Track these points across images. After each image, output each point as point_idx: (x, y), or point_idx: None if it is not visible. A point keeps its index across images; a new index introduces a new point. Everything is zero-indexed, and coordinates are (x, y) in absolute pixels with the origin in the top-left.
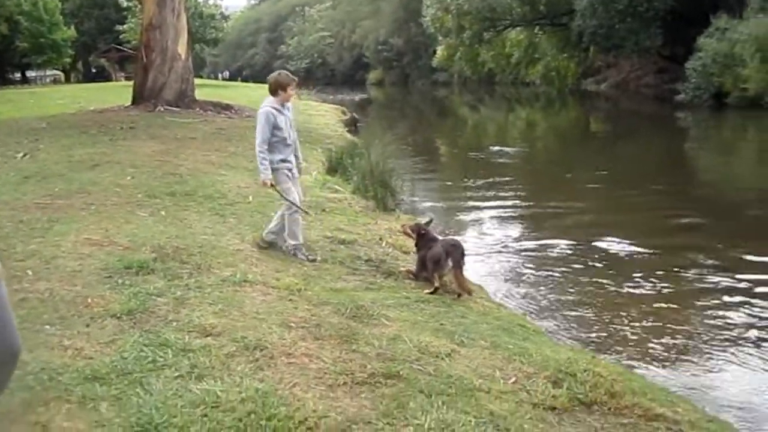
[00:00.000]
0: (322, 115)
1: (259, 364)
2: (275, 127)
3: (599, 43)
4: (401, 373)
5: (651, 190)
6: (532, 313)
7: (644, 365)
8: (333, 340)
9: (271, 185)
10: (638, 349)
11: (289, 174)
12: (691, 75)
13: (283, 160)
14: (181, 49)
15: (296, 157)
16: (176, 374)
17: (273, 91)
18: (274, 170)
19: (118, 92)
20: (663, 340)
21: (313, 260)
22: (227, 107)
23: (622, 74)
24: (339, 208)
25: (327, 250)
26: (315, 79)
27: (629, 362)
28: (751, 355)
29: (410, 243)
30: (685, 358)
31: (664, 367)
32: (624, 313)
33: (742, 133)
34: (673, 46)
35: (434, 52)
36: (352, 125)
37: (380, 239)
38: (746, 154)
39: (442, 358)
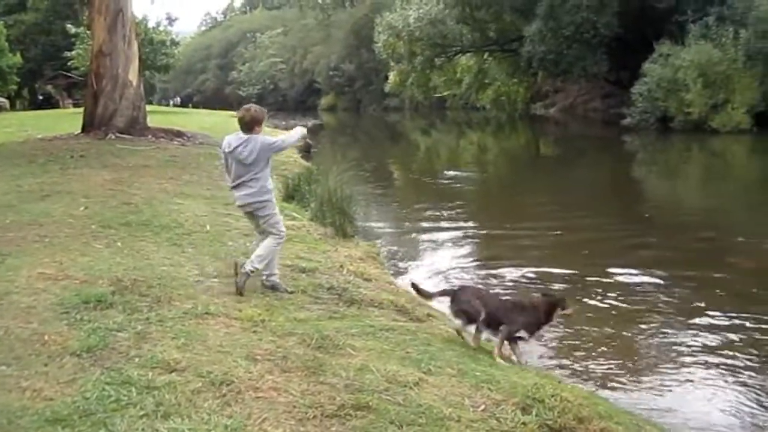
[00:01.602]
0: None
1: (226, 400)
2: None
3: (548, 69)
4: (371, 404)
5: (601, 211)
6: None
7: (607, 388)
8: (300, 372)
9: None
10: (600, 371)
11: None
12: (637, 99)
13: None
14: (132, 75)
15: None
16: (141, 413)
17: (251, 129)
18: (272, 198)
19: (66, 120)
20: (622, 362)
21: (292, 292)
22: (180, 134)
23: (570, 99)
24: (298, 236)
25: (288, 278)
26: (266, 104)
27: (593, 385)
28: (708, 373)
29: (371, 270)
30: (645, 379)
31: (625, 389)
32: (584, 335)
33: (687, 156)
34: (618, 72)
35: (386, 77)
36: (306, 151)
37: (341, 267)
38: (691, 177)
39: (411, 388)
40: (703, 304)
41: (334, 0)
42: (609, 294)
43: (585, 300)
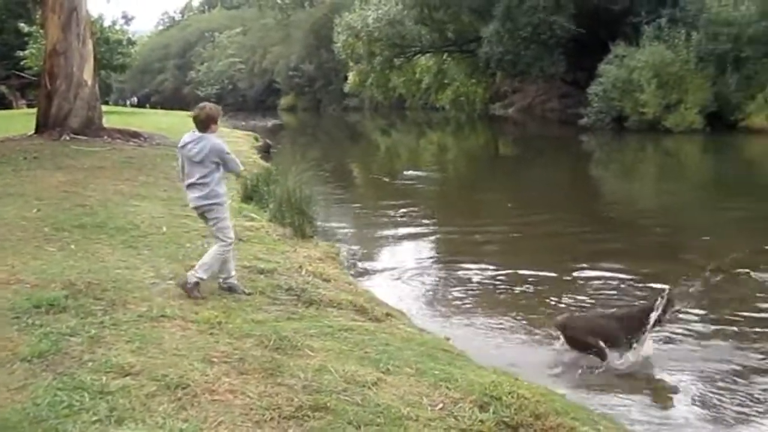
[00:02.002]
0: (235, 141)
1: (181, 404)
2: None
3: (506, 69)
4: (329, 404)
5: (559, 210)
6: (454, 336)
7: (563, 384)
8: (257, 374)
9: None
10: (558, 368)
11: None
12: (593, 100)
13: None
14: (87, 75)
15: None
16: (94, 419)
17: (206, 127)
18: (223, 203)
19: (20, 120)
20: (577, 359)
21: (249, 293)
22: (136, 135)
23: (528, 99)
24: (256, 237)
25: (246, 280)
26: (226, 104)
27: (551, 382)
28: (662, 367)
29: (330, 270)
30: (600, 376)
31: (582, 385)
32: (542, 333)
33: (642, 155)
34: (575, 72)
35: (345, 77)
36: (265, 152)
37: (300, 267)
38: (646, 176)
39: (369, 388)
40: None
41: (293, 0)
42: (568, 291)
43: (545, 297)
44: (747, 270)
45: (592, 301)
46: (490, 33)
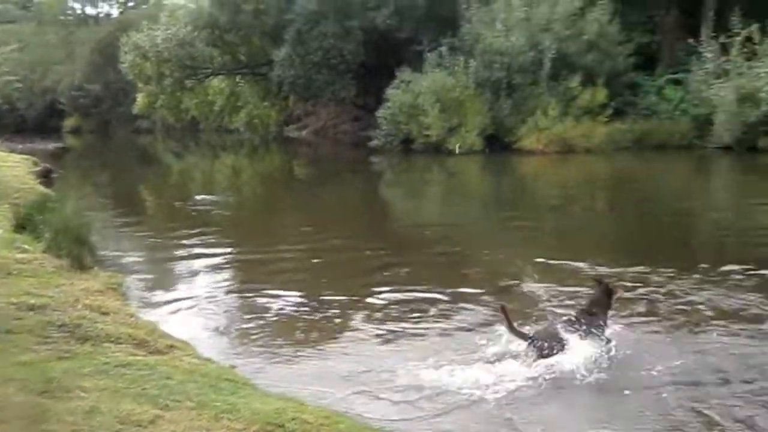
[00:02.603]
0: (10, 166)
1: None
2: None
3: (298, 93)
4: None
5: (355, 232)
6: (243, 364)
7: (355, 405)
8: (19, 422)
9: None
10: (349, 391)
11: None
12: (382, 123)
13: None
14: None
15: None
16: None
17: None
18: None
19: None
20: (366, 377)
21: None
22: None
23: (321, 122)
24: (28, 270)
25: (12, 318)
26: (2, 126)
27: (339, 404)
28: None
29: (110, 303)
30: (387, 394)
31: (372, 406)
32: (333, 354)
33: (429, 175)
34: (365, 97)
35: (135, 99)
36: (45, 177)
37: (76, 301)
38: (432, 195)
39: (145, 427)
40: (433, 312)
41: (76, 16)
42: (365, 313)
43: (342, 321)
44: (518, 281)
45: (392, 322)
46: (282, 57)
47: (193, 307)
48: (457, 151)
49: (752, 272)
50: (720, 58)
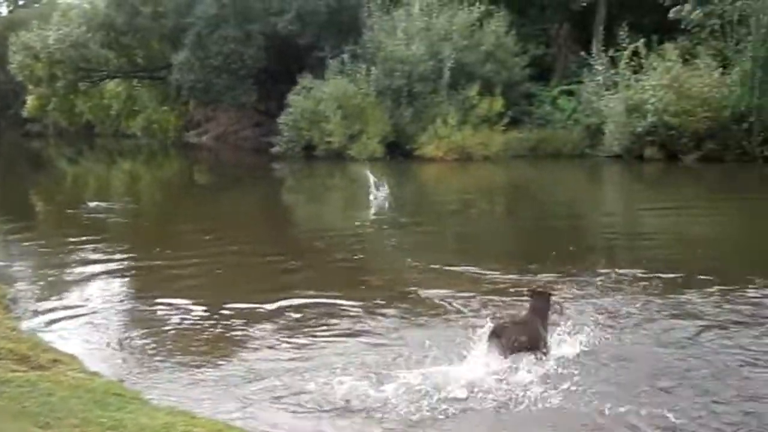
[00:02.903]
0: None
1: None
2: None
3: (198, 97)
4: None
5: (257, 239)
6: (133, 378)
7: (254, 418)
8: None
9: None
10: (245, 401)
11: None
12: (284, 129)
13: None
14: None
15: None
16: None
17: None
18: None
19: None
20: (267, 388)
21: None
22: None
23: (221, 127)
24: None
25: None
26: None
27: (236, 417)
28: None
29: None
30: (289, 406)
31: (271, 416)
32: (231, 365)
33: (330, 182)
34: (267, 102)
35: (24, 101)
36: None
37: None
38: (333, 201)
39: None
40: (335, 321)
41: None
42: (263, 322)
43: (247, 330)
44: (415, 288)
45: (293, 330)
46: (181, 60)
47: (83, 318)
48: (358, 158)
49: (642, 275)
50: (609, 71)
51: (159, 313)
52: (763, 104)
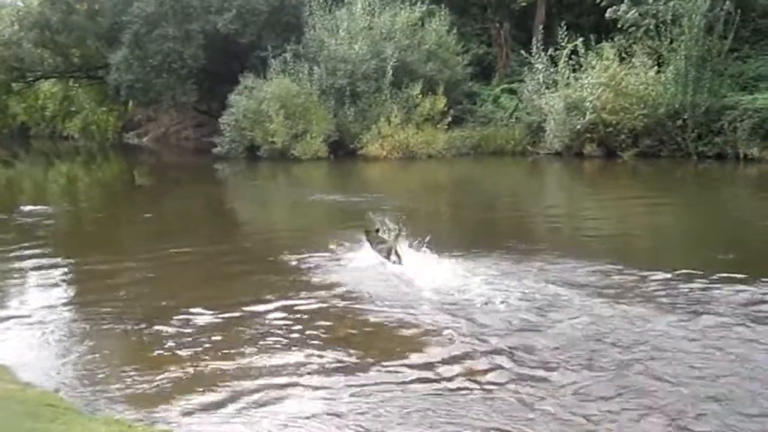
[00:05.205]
0: None
1: None
2: None
3: (137, 98)
4: None
5: (199, 239)
6: (69, 388)
7: (199, 426)
8: None
9: None
10: (187, 409)
11: None
12: (226, 129)
13: None
14: None
15: None
16: None
17: None
18: None
19: None
20: (211, 395)
21: None
22: None
23: (162, 128)
24: None
25: None
26: None
27: (179, 425)
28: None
29: None
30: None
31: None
32: (175, 371)
33: (273, 182)
34: (209, 102)
35: None
36: None
37: None
38: (276, 201)
39: None
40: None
41: None
42: (209, 326)
43: (190, 335)
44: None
45: (242, 335)
46: (119, 60)
47: (17, 327)
48: (302, 158)
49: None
50: (549, 70)
51: (98, 320)
52: (697, 101)
